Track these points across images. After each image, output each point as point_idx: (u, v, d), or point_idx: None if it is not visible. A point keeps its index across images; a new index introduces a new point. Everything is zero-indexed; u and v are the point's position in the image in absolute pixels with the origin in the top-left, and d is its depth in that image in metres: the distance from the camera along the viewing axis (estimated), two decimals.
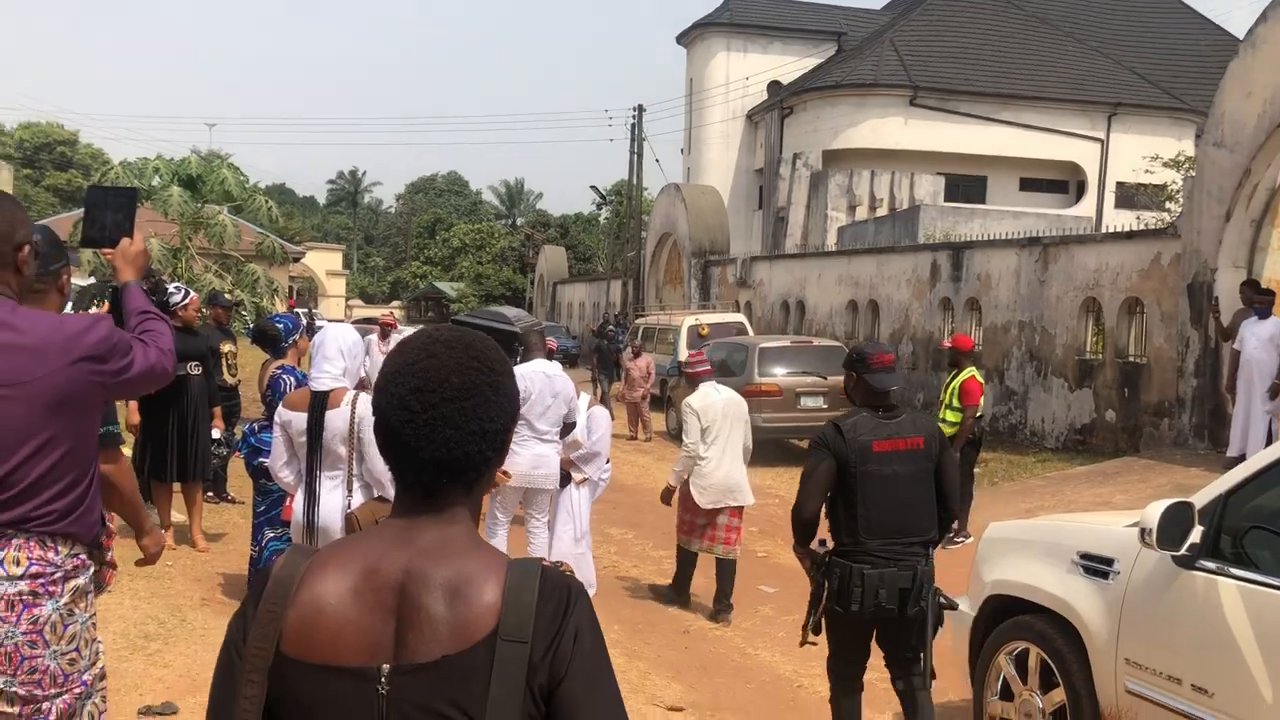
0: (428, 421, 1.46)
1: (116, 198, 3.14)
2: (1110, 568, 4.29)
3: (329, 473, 4.62)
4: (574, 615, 1.43)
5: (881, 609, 4.34)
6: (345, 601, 1.42)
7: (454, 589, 1.42)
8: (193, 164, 16.23)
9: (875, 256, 20.32)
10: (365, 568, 1.44)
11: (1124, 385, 13.80)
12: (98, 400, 2.63)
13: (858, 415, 4.47)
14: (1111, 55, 34.26)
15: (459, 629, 1.40)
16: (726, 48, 37.67)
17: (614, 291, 37.46)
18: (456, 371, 1.49)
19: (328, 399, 4.57)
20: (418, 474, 1.49)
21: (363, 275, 79.44)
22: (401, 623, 1.41)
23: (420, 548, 1.45)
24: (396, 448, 1.49)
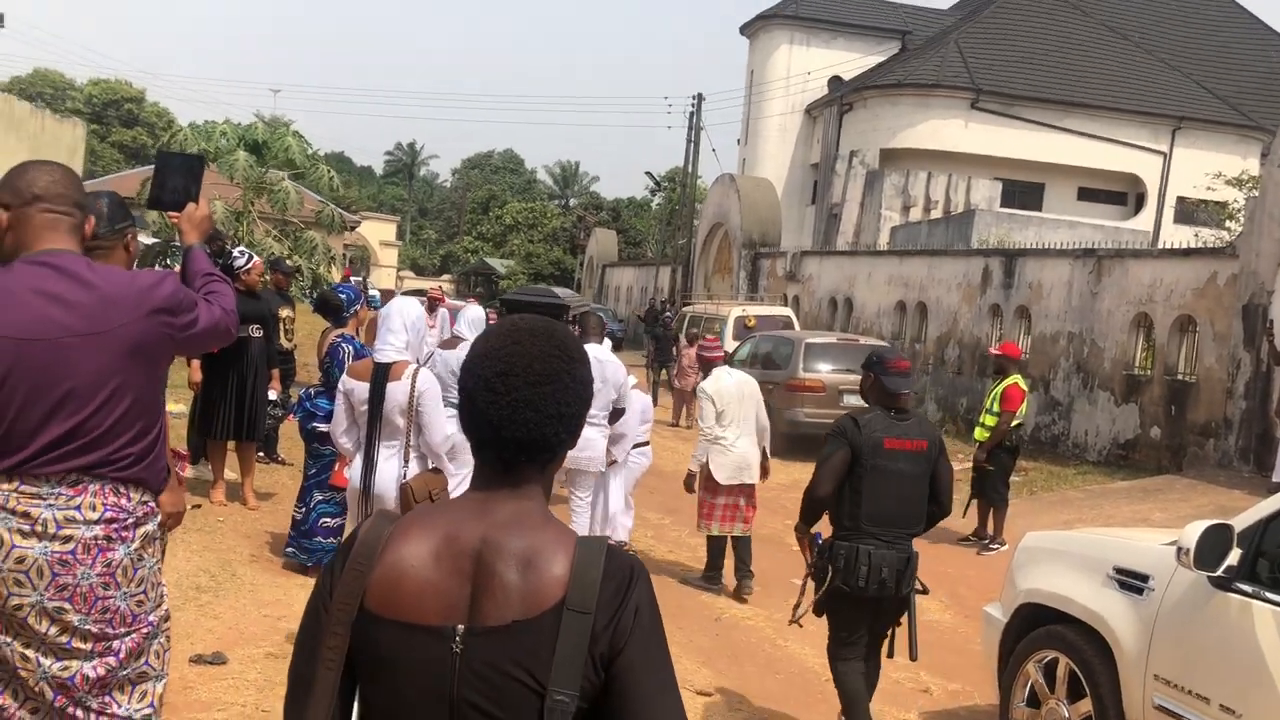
0: (511, 403, 1.58)
1: (185, 163, 3.26)
2: (1146, 584, 4.34)
3: (387, 442, 4.75)
4: (635, 592, 1.55)
5: (884, 586, 4.69)
6: (426, 564, 1.55)
7: (526, 560, 1.54)
8: (259, 130, 16.53)
9: (927, 258, 20.24)
10: (446, 535, 1.57)
11: (1171, 403, 13.69)
12: (168, 351, 2.77)
13: (873, 413, 4.82)
14: (1179, 68, 33.71)
15: (529, 597, 1.52)
16: (789, 41, 37.48)
17: (662, 277, 37.52)
18: (539, 359, 1.60)
19: (390, 371, 4.70)
20: (498, 451, 1.60)
21: (414, 247, 80.00)
22: (477, 588, 1.53)
23: (496, 520, 1.57)
24: (480, 426, 1.61)
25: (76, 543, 2.56)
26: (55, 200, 2.65)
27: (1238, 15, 38.16)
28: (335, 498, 6.44)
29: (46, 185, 2.64)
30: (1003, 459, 9.92)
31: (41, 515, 2.53)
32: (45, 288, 2.56)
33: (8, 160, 10.59)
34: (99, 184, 26.20)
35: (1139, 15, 36.05)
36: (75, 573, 2.56)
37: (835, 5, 38.36)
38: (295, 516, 6.64)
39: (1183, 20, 36.80)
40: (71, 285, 2.58)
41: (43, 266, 2.57)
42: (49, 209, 2.64)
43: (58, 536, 2.54)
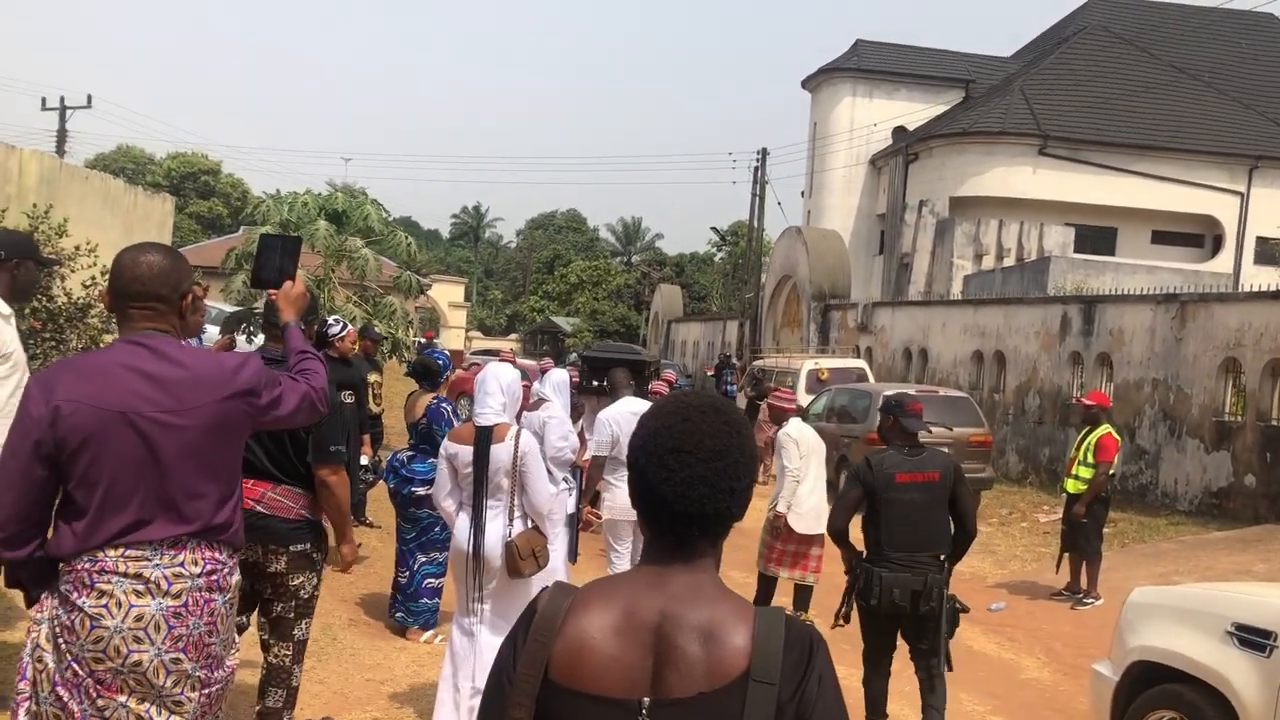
0: (684, 480, 1.62)
1: (284, 244, 3.44)
2: (1270, 641, 4.23)
3: (492, 503, 4.86)
4: (817, 662, 1.59)
5: (895, 605, 5.28)
6: (608, 637, 1.59)
7: (707, 632, 1.57)
8: (339, 200, 16.92)
9: (1003, 307, 20.03)
10: (625, 607, 1.61)
11: (1265, 449, 13.32)
12: (246, 429, 2.95)
13: (886, 453, 5.48)
14: (1254, 106, 33.19)
15: (713, 669, 1.55)
16: (852, 93, 37.64)
17: (730, 331, 37.54)
18: (710, 435, 1.65)
19: (492, 433, 4.83)
20: (671, 525, 1.65)
21: (481, 308, 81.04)
22: (659, 660, 1.57)
23: (673, 593, 1.61)
24: (653, 501, 1.65)
25: (186, 595, 2.75)
26: (152, 284, 2.84)
27: None
28: (439, 559, 6.52)
29: (144, 273, 2.83)
30: (1097, 511, 9.72)
31: (152, 574, 2.71)
32: (139, 365, 2.76)
33: (103, 234, 10.92)
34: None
35: (1208, 55, 35.62)
36: (188, 624, 2.75)
37: (897, 56, 38.49)
38: (400, 580, 6.73)
39: (1253, 58, 36.29)
40: (163, 364, 2.78)
41: (138, 346, 2.78)
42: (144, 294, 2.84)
43: (169, 593, 2.73)
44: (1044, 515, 14.01)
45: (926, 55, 38.94)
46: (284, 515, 4.25)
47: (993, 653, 8.25)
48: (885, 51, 38.75)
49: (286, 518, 4.26)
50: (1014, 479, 17.52)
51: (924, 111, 36.97)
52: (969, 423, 14.64)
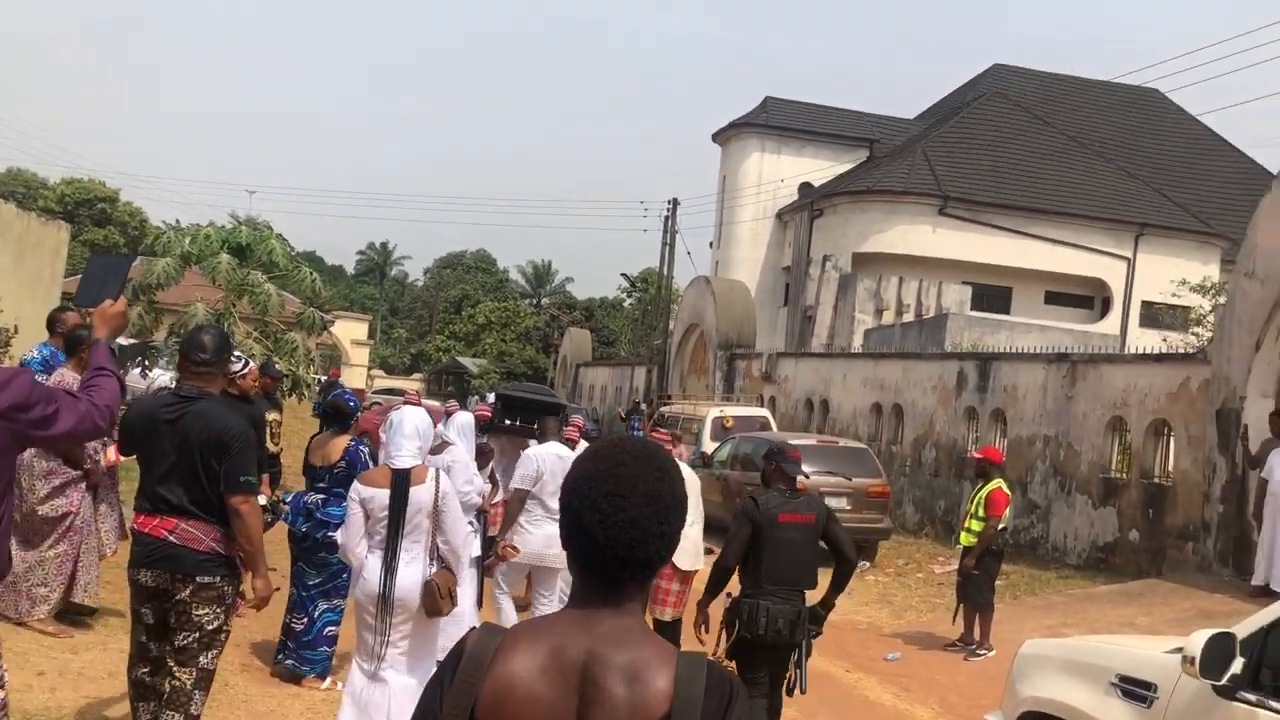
0: (617, 523, 1.67)
1: (110, 263, 3.57)
2: (1150, 692, 4.39)
3: (408, 545, 4.86)
4: (736, 707, 1.65)
5: (780, 635, 5.70)
6: (535, 676, 1.63)
7: (632, 673, 1.62)
8: (243, 233, 16.64)
9: (902, 361, 20.51)
10: (552, 648, 1.65)
11: (1149, 506, 13.84)
12: (13, 446, 2.94)
13: (769, 494, 5.90)
14: (1140, 177, 34.78)
15: (636, 710, 1.61)
16: (760, 148, 38.40)
17: (638, 377, 37.70)
18: (643, 480, 1.70)
19: (410, 476, 4.85)
20: (602, 568, 1.70)
21: (385, 346, 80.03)
22: (584, 701, 1.61)
23: (600, 634, 1.66)
24: (585, 543, 1.70)
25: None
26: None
27: (1193, 127, 39.55)
28: (340, 606, 6.39)
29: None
30: (989, 563, 9.96)
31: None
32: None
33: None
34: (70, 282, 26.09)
35: (1099, 125, 37.30)
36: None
37: (804, 114, 39.43)
38: (295, 626, 6.55)
39: (1141, 131, 38.09)
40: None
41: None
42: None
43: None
44: (939, 566, 14.31)
45: (833, 114, 39.97)
46: (194, 547, 4.32)
47: (889, 703, 8.37)
48: (793, 109, 39.68)
49: (196, 549, 4.33)
50: (910, 530, 17.87)
51: (830, 169, 37.88)
52: (867, 474, 14.91)
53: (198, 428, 4.35)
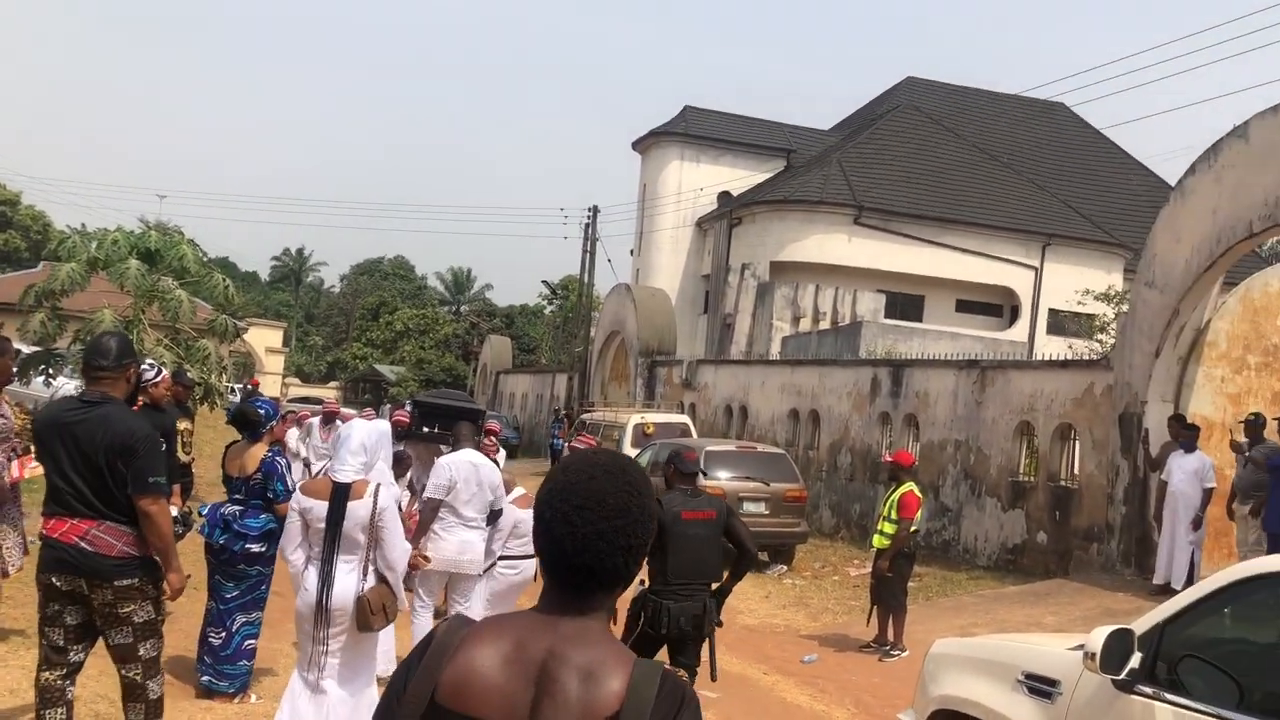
0: (585, 535, 1.74)
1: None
2: (1054, 688, 4.53)
3: (345, 558, 4.92)
4: (685, 714, 1.71)
5: (683, 631, 6.04)
6: (495, 667, 1.71)
7: (588, 672, 1.69)
8: (152, 238, 16.26)
9: (818, 368, 20.82)
10: (516, 641, 1.73)
11: (1055, 508, 14.25)
12: None
13: (671, 494, 6.26)
14: (1047, 189, 35.81)
15: (588, 707, 1.67)
16: (680, 157, 38.68)
17: (559, 385, 37.64)
18: (613, 494, 1.77)
19: (350, 490, 4.91)
20: (571, 576, 1.76)
21: (300, 353, 78.68)
22: (539, 692, 1.69)
23: (562, 633, 1.73)
24: (555, 553, 1.77)
25: None
26: None
27: (1098, 141, 40.85)
28: (258, 619, 6.29)
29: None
30: (901, 565, 10.16)
31: None
32: None
33: None
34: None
35: (1008, 138, 38.33)
36: None
37: (723, 124, 39.82)
38: (212, 641, 6.41)
39: (1048, 144, 39.22)
40: None
41: None
42: None
43: None
44: (855, 569, 14.55)
45: (751, 124, 40.42)
46: (106, 553, 4.40)
47: (805, 705, 8.50)
48: (712, 119, 40.05)
49: (109, 555, 4.40)
50: (827, 533, 18.14)
51: (748, 178, 38.30)
52: (785, 478, 15.11)
53: (101, 432, 4.39)
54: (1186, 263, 12.36)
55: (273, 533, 6.17)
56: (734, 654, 9.85)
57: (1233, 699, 3.86)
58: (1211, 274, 12.34)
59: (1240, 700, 3.84)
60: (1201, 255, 12.17)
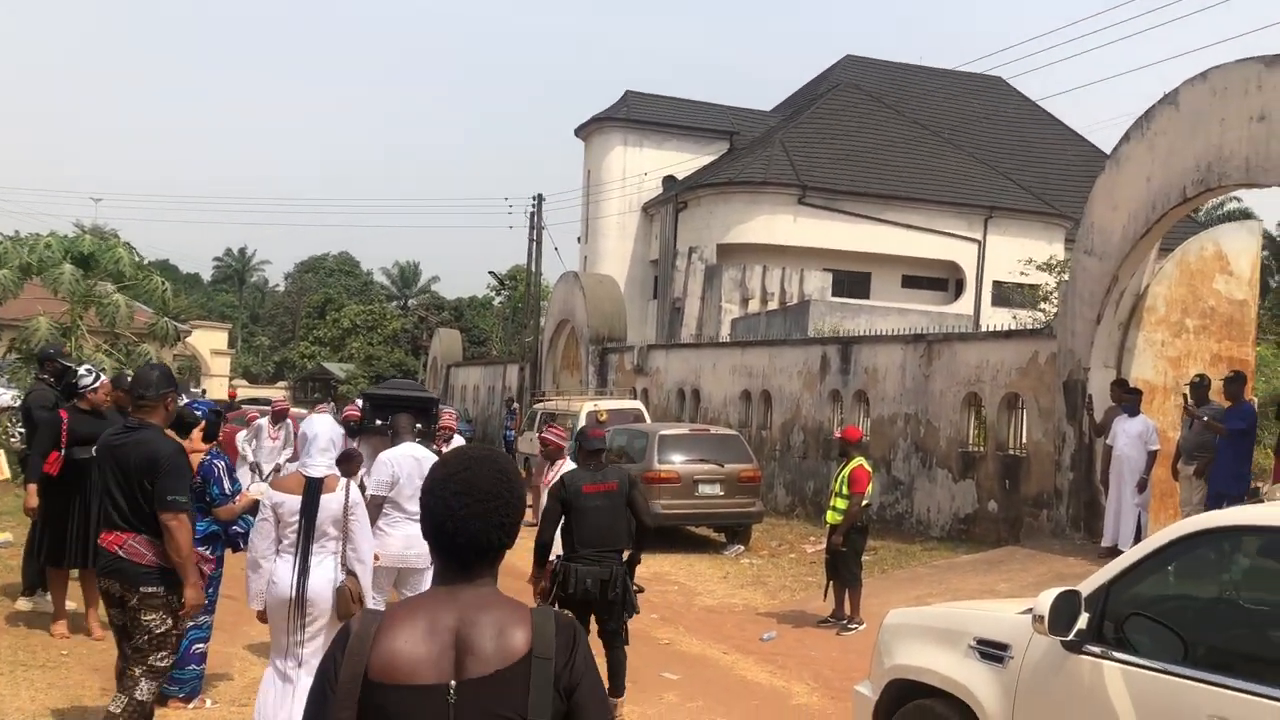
0: (464, 517, 2.04)
1: None
2: (1005, 652, 4.59)
3: (319, 550, 5.13)
4: (580, 644, 2.06)
5: (589, 593, 6.58)
6: (416, 641, 1.98)
7: (498, 627, 2.00)
8: (86, 242, 15.96)
9: (768, 348, 20.92)
10: (428, 618, 2.01)
11: (1005, 477, 14.45)
12: None
13: (576, 470, 6.83)
14: (988, 162, 36.22)
15: (505, 652, 1.98)
16: (623, 143, 38.63)
17: (510, 376, 37.50)
18: (486, 480, 2.07)
19: (322, 484, 5.14)
20: (457, 553, 2.07)
21: (247, 354, 77.66)
22: (460, 652, 1.98)
23: (464, 602, 2.03)
24: (441, 535, 2.07)
25: None
26: None
27: (1036, 113, 41.39)
28: (207, 623, 6.20)
29: None
30: (855, 539, 10.25)
31: None
32: None
33: None
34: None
35: (947, 113, 38.69)
36: None
37: (665, 108, 39.81)
38: None
39: (986, 118, 39.65)
40: None
41: None
42: None
43: None
44: (810, 546, 14.67)
45: (693, 107, 40.46)
46: (136, 560, 4.95)
47: (765, 681, 8.55)
48: (654, 103, 40.01)
49: (139, 563, 4.95)
50: (782, 512, 18.26)
51: (692, 161, 38.34)
52: (739, 459, 15.18)
53: (136, 454, 5.01)
54: (1124, 230, 12.56)
55: (215, 535, 6.09)
56: (693, 635, 9.89)
57: (1178, 654, 3.93)
58: (1148, 240, 12.55)
59: (1185, 655, 3.92)
60: (1138, 222, 12.37)
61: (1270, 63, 10.73)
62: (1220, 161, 11.30)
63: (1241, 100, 11.00)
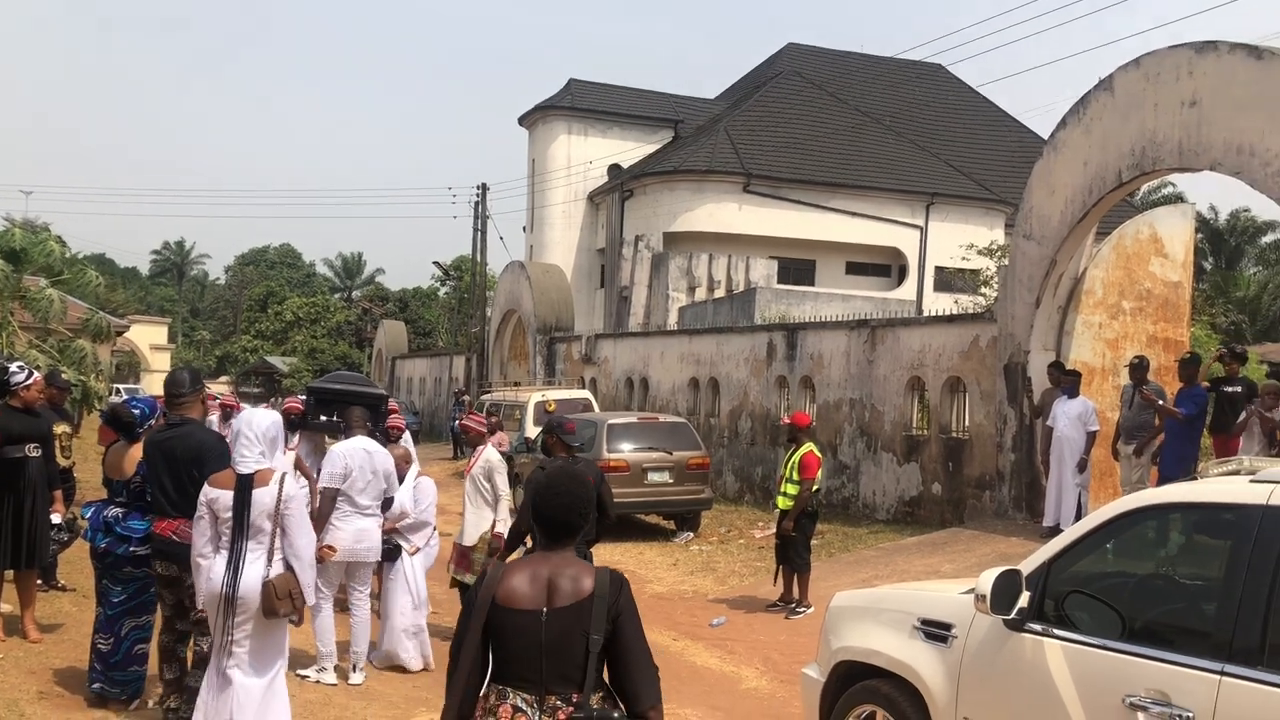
0: (554, 507, 3.23)
1: None
2: (949, 632, 4.65)
3: (253, 546, 5.04)
4: (625, 588, 3.17)
5: None
6: (524, 582, 3.12)
7: (574, 576, 3.13)
8: (16, 236, 15.57)
9: (715, 336, 20.98)
10: (532, 568, 3.16)
11: (948, 460, 14.63)
12: None
13: (553, 461, 6.89)
14: (928, 149, 36.57)
15: (577, 592, 3.09)
16: (567, 131, 38.46)
17: (457, 367, 37.25)
18: (566, 482, 3.29)
19: (254, 479, 5.04)
20: (550, 531, 3.23)
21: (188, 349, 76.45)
22: (550, 591, 3.10)
23: (554, 560, 3.18)
24: (541, 519, 3.23)
25: None
26: None
27: (975, 100, 41.86)
28: (148, 623, 6.08)
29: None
30: (804, 524, 10.32)
31: None
32: None
33: None
34: None
35: (888, 100, 38.97)
36: None
37: (608, 96, 39.68)
38: (101, 648, 6.17)
39: (927, 105, 40.01)
40: None
41: None
42: None
43: None
44: (759, 531, 14.75)
45: (637, 95, 40.37)
46: (188, 542, 5.31)
47: (715, 666, 8.60)
48: (597, 91, 39.87)
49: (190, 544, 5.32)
50: (731, 499, 18.35)
51: (637, 150, 38.29)
52: (688, 446, 15.22)
53: (181, 447, 5.59)
54: (1061, 214, 12.75)
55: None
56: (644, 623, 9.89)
57: (1116, 630, 4.00)
58: (1085, 224, 12.75)
59: (1123, 630, 3.99)
60: (1075, 206, 12.56)
61: (1200, 49, 10.94)
62: (1154, 146, 11.51)
63: (1173, 86, 11.20)
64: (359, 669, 7.35)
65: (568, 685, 3.04)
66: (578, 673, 3.04)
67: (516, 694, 3.06)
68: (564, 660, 3.04)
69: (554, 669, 3.04)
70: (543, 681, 3.05)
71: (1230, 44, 10.68)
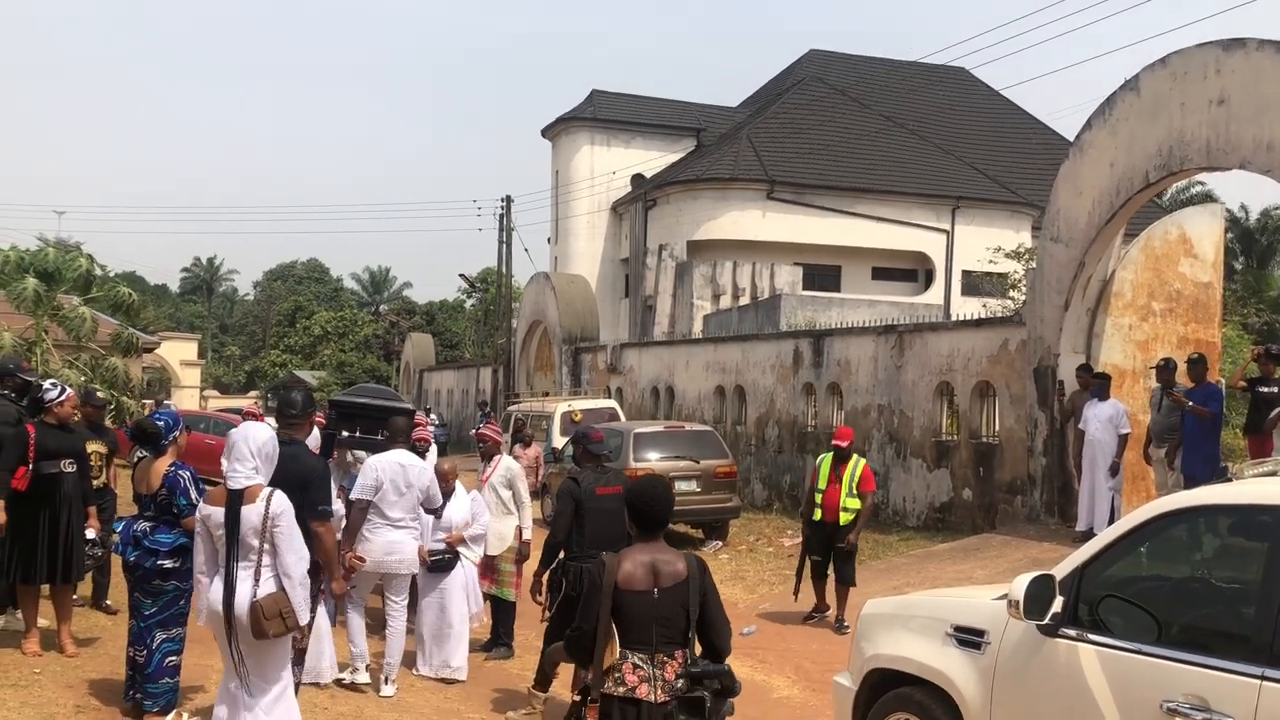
0: (654, 509, 4.24)
1: None
2: (982, 639, 4.61)
3: (243, 564, 4.94)
4: (707, 570, 4.25)
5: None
6: (636, 568, 4.12)
7: (672, 562, 4.16)
8: (51, 255, 15.78)
9: (740, 344, 20.95)
10: (638, 556, 4.15)
11: (979, 465, 14.52)
12: None
13: (585, 471, 7.01)
14: (953, 152, 36.40)
15: (676, 575, 4.13)
16: (590, 142, 38.55)
17: (484, 378, 37.37)
18: (662, 491, 4.30)
19: (243, 496, 4.92)
20: (649, 526, 4.23)
21: (218, 365, 77.05)
22: (656, 574, 4.12)
23: (654, 549, 4.19)
24: (641, 518, 4.24)
25: None
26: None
27: (999, 103, 41.61)
28: (179, 635, 6.13)
29: None
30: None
31: None
32: None
33: None
34: None
35: (912, 105, 38.83)
36: None
37: (631, 106, 39.75)
38: (138, 659, 6.23)
39: (951, 109, 39.86)
40: None
41: None
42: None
43: None
44: (788, 540, 14.69)
45: (659, 105, 40.43)
46: None
47: (746, 675, 8.54)
48: (620, 102, 39.94)
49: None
50: (759, 507, 18.29)
51: (660, 159, 38.32)
52: (715, 455, 15.18)
53: (289, 468, 5.50)
54: (1089, 216, 12.66)
55: (185, 548, 6.01)
56: None
57: (1151, 634, 3.96)
58: (1113, 225, 12.65)
59: (1159, 635, 3.95)
60: (1102, 208, 12.46)
61: (1228, 47, 10.84)
62: (1181, 145, 11.41)
63: (1201, 84, 11.10)
64: (390, 681, 7.37)
65: (671, 645, 4.10)
66: (680, 636, 4.11)
67: (635, 654, 4.08)
68: (669, 627, 4.10)
69: (662, 634, 4.09)
70: (654, 644, 4.08)
71: (1259, 41, 10.58)
